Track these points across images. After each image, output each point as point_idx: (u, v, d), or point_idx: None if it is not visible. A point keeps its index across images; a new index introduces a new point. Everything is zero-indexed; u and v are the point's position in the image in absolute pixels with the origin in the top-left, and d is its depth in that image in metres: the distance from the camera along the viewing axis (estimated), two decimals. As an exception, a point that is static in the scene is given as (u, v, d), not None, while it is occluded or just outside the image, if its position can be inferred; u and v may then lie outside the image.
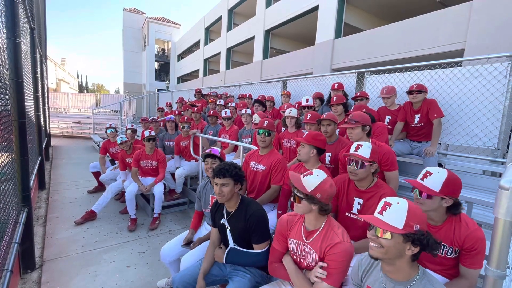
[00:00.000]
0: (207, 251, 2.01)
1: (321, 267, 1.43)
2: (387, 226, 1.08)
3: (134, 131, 4.78)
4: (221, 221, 1.95)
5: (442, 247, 1.46)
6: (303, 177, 1.50)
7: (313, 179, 1.47)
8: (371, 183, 1.84)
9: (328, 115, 2.60)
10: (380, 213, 1.13)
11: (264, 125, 2.63)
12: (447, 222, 1.46)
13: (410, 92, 3.16)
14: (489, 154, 3.07)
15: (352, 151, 1.81)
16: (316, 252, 1.48)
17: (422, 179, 1.47)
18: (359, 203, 1.86)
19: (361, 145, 1.80)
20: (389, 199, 1.16)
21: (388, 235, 1.08)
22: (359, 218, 1.86)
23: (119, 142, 4.29)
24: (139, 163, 4.06)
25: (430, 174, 1.45)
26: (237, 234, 1.88)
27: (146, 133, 4.02)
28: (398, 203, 1.11)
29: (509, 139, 2.86)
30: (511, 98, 2.88)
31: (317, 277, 1.42)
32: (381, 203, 1.16)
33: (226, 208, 1.93)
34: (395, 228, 1.07)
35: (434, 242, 1.08)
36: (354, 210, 1.88)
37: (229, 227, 1.91)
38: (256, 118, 4.06)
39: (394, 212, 1.10)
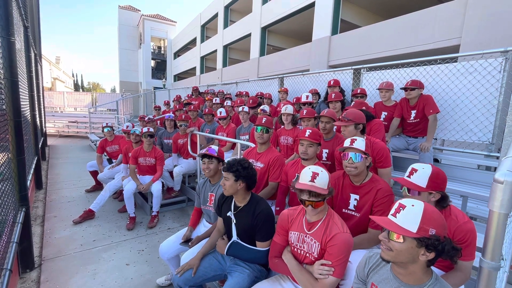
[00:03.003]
0: (212, 235, 2.09)
1: (323, 264, 1.46)
2: (399, 229, 1.03)
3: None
4: (228, 214, 1.98)
5: None
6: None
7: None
8: (366, 177, 1.87)
9: (328, 113, 2.61)
10: (394, 215, 1.08)
11: (262, 122, 2.63)
12: None
13: (404, 89, 3.19)
14: (484, 149, 3.11)
15: (346, 145, 1.85)
16: (318, 242, 1.52)
17: (409, 176, 1.51)
18: (355, 199, 1.88)
19: (355, 140, 1.84)
20: (404, 201, 1.09)
21: (400, 238, 1.03)
22: (355, 214, 1.88)
23: (132, 132, 4.29)
24: (137, 160, 4.05)
25: (416, 170, 1.49)
26: (242, 229, 1.91)
27: (145, 129, 4.01)
28: (413, 205, 1.05)
29: (503, 134, 2.90)
30: (506, 93, 2.91)
31: (321, 274, 1.45)
32: (396, 205, 1.10)
33: (235, 202, 1.97)
34: (407, 231, 1.01)
35: (451, 249, 1.01)
36: (351, 206, 1.90)
37: (234, 221, 1.94)
38: (265, 108, 4.07)
39: (408, 214, 1.04)
